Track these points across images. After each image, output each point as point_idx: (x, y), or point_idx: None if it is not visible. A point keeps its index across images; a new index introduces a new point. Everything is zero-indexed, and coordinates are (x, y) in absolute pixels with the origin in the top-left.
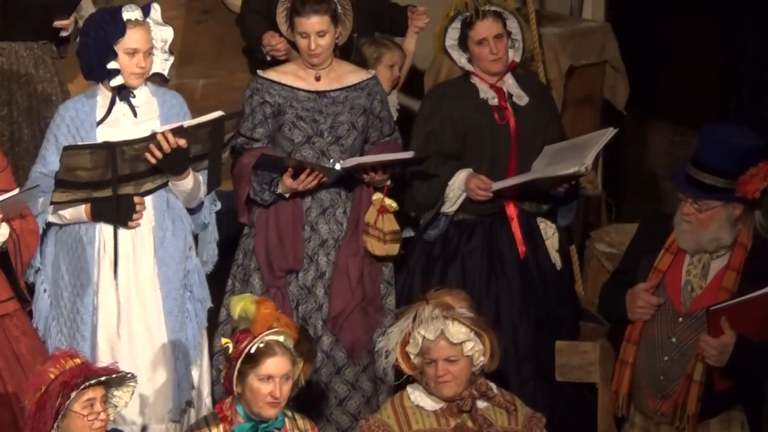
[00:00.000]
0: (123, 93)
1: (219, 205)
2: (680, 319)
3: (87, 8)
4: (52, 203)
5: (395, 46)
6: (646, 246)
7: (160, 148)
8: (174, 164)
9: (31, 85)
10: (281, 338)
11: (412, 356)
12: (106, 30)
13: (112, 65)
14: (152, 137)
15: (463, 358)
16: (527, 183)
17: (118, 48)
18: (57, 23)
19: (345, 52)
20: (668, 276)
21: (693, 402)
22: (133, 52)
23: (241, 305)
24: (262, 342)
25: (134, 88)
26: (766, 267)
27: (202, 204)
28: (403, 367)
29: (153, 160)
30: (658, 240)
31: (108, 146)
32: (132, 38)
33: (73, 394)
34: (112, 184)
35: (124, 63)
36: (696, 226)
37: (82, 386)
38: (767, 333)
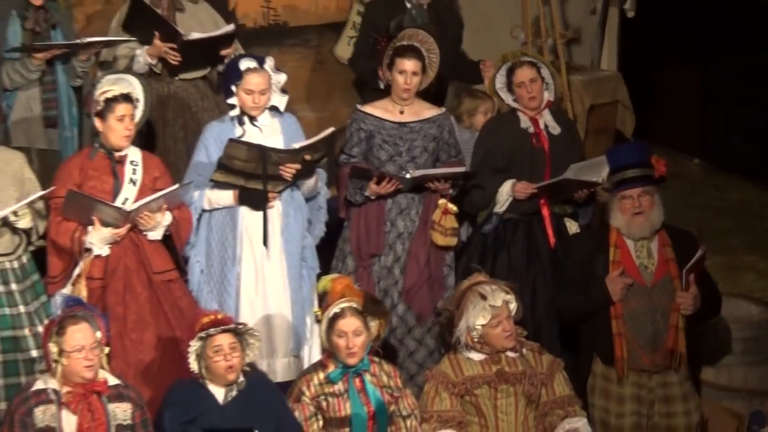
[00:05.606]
0: (244, 118)
1: (329, 194)
2: (650, 290)
3: (122, 48)
4: (211, 180)
5: (488, 97)
6: (594, 251)
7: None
8: (305, 174)
9: (198, 114)
10: (351, 304)
11: (479, 329)
12: (230, 74)
13: (230, 101)
14: (292, 150)
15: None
16: (559, 182)
17: (239, 88)
18: (223, 52)
19: (439, 96)
20: (624, 264)
21: (682, 344)
22: (249, 92)
23: (322, 283)
24: (337, 308)
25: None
26: (679, 237)
27: (318, 193)
28: (467, 340)
29: (289, 177)
30: (601, 243)
31: (260, 147)
32: (249, 81)
33: (194, 340)
34: (262, 178)
35: (243, 98)
36: (647, 213)
37: (200, 335)
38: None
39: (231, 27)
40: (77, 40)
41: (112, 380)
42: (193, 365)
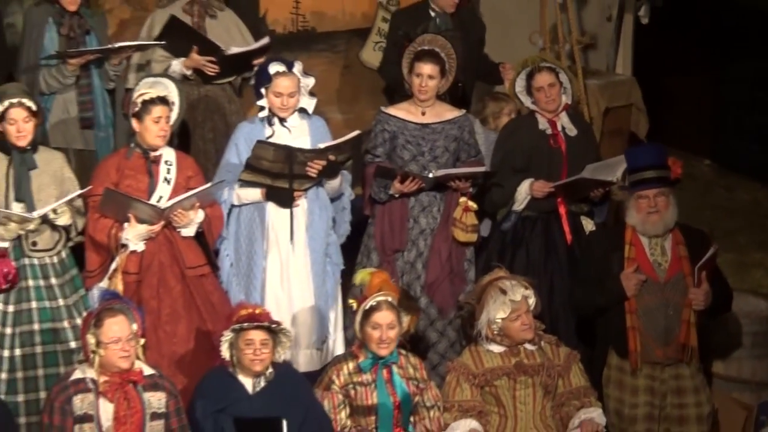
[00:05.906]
0: (274, 119)
1: (354, 195)
2: (663, 286)
3: (157, 55)
4: (239, 180)
5: (510, 99)
6: (610, 248)
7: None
8: (329, 173)
9: (227, 117)
10: (387, 298)
11: (499, 322)
12: (260, 77)
13: (260, 102)
14: (318, 150)
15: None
16: (575, 181)
17: (268, 91)
18: (255, 62)
19: (464, 101)
20: (638, 261)
21: (694, 338)
22: (278, 95)
23: (360, 276)
24: (374, 301)
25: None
26: (691, 236)
27: (342, 194)
28: (488, 333)
29: (314, 174)
30: (616, 241)
31: (287, 148)
32: (278, 84)
33: (228, 331)
34: (288, 177)
35: (272, 101)
36: (662, 212)
37: (234, 327)
38: (711, 276)
39: (266, 40)
40: (110, 45)
41: (148, 370)
42: (225, 353)
